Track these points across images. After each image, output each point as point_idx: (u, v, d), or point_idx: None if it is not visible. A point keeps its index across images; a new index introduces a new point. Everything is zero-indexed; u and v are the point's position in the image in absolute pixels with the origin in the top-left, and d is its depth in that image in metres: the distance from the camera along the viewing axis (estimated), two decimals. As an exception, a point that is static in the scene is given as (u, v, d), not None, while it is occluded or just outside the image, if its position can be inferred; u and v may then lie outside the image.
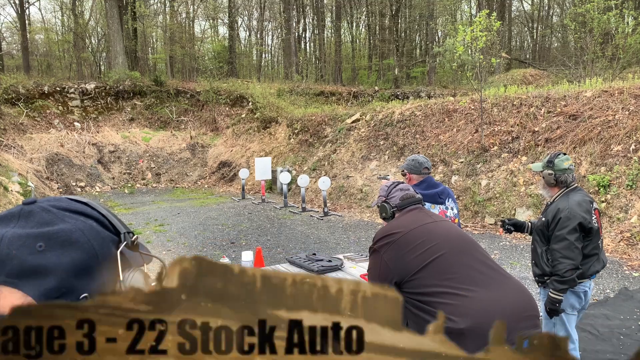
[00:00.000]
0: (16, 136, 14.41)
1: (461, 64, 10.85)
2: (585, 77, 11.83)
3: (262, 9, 32.10)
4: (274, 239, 8.23)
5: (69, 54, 29.02)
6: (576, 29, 13.32)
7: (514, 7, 31.76)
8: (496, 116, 10.13)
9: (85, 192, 14.04)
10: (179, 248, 7.69)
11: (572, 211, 2.91)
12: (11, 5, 27.07)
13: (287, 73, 25.92)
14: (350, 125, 13.40)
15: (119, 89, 17.75)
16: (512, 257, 6.78)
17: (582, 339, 4.04)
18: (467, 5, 32.64)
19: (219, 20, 32.49)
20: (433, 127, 11.25)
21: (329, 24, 33.65)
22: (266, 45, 36.22)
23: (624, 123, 7.91)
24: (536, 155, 8.71)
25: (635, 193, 7.16)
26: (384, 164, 11.57)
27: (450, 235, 2.33)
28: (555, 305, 2.92)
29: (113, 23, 20.14)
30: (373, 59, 30.70)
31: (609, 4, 12.36)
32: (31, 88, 16.16)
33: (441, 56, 17.57)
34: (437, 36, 30.55)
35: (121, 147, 16.10)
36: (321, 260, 3.23)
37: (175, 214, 10.68)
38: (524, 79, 18.74)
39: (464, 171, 9.76)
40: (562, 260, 2.89)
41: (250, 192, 13.85)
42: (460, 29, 9.84)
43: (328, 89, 21.31)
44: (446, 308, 2.03)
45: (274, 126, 16.21)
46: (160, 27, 28.58)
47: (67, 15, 30.65)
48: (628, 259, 6.42)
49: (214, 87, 18.73)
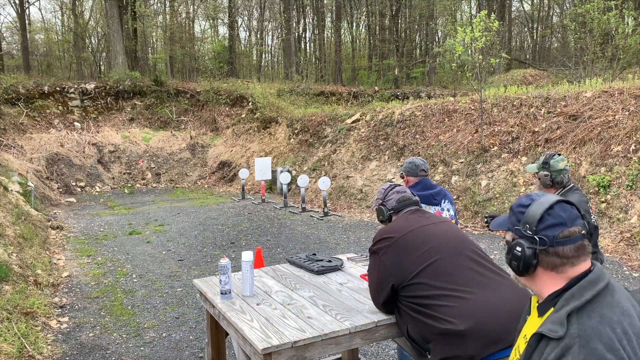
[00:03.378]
0: (16, 136, 14.41)
1: (461, 64, 10.85)
2: (585, 77, 11.83)
3: (262, 9, 32.11)
4: (274, 239, 8.23)
5: (69, 54, 29.02)
6: (576, 29, 13.32)
7: (514, 7, 31.78)
8: (496, 116, 10.13)
9: (85, 192, 14.04)
10: (179, 248, 7.69)
11: None
12: (11, 5, 27.09)
13: (287, 73, 25.91)
14: (350, 125, 13.41)
15: (119, 89, 17.75)
16: (512, 258, 6.78)
17: (582, 339, 4.03)
18: (467, 6, 32.64)
19: (219, 20, 32.50)
20: (433, 128, 11.25)
21: (329, 24, 33.66)
22: (266, 45, 36.24)
23: (624, 123, 7.91)
24: (536, 155, 8.72)
25: (635, 193, 7.16)
26: (384, 164, 11.58)
27: (448, 237, 2.33)
28: None
29: (113, 23, 20.14)
30: (373, 59, 30.71)
31: (609, 4, 12.36)
32: (31, 88, 16.15)
33: (441, 56, 17.58)
34: (437, 36, 30.57)
35: (121, 147, 16.10)
36: (321, 261, 3.23)
37: (175, 214, 10.68)
38: (524, 79, 18.75)
39: (464, 171, 9.76)
40: None
41: (250, 192, 13.85)
42: (459, 30, 9.84)
43: (328, 89, 21.31)
44: (446, 310, 2.03)
45: (274, 126, 16.21)
46: (160, 27, 28.57)
47: (67, 15, 30.65)
48: (628, 260, 6.43)
49: (214, 87, 18.73)
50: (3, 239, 6.16)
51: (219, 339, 3.15)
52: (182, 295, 5.52)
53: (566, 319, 1.17)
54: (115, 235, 8.68)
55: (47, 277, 5.87)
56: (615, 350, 1.09)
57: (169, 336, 4.44)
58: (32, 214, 8.67)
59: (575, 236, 1.27)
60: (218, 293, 2.75)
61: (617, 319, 1.15)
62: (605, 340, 1.10)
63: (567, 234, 1.27)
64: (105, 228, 9.29)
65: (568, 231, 1.27)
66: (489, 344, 1.96)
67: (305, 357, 2.23)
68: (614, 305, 1.18)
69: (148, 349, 4.20)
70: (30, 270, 5.77)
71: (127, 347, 4.23)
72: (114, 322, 4.76)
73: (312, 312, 2.47)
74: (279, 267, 3.29)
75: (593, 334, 1.11)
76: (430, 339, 2.04)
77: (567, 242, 1.26)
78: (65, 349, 4.18)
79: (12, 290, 4.83)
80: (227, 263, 2.73)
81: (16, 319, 4.32)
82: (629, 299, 1.24)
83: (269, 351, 2.13)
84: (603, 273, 1.25)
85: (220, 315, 2.65)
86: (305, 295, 2.73)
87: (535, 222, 1.30)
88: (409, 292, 2.15)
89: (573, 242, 1.27)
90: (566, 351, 1.11)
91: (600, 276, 1.23)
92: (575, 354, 1.09)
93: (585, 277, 1.24)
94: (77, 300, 5.39)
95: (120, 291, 5.67)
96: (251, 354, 2.26)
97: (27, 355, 3.87)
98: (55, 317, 4.85)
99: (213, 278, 3.11)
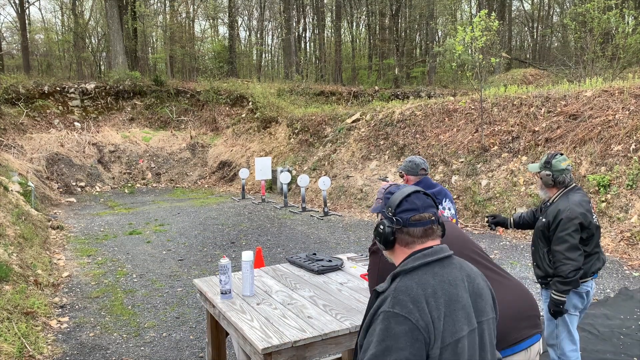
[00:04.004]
0: (16, 136, 14.41)
1: (461, 64, 10.84)
2: (586, 76, 11.83)
3: (262, 8, 32.09)
4: (274, 238, 8.23)
5: (69, 54, 29.00)
6: (576, 28, 13.32)
7: (514, 7, 31.77)
8: (496, 116, 10.13)
9: (86, 192, 14.05)
10: (179, 248, 7.69)
11: (573, 212, 2.91)
12: (11, 5, 27.08)
13: (287, 73, 25.90)
14: (350, 125, 13.40)
15: (119, 89, 17.75)
16: (512, 257, 6.78)
17: (582, 339, 4.04)
18: (467, 5, 32.63)
19: (219, 20, 32.49)
20: (433, 127, 11.25)
21: (329, 24, 33.64)
22: (266, 45, 36.22)
23: (624, 123, 7.91)
24: (536, 155, 8.71)
25: (635, 193, 7.16)
26: (384, 164, 11.58)
27: (448, 236, 2.33)
28: (559, 307, 2.92)
29: (113, 23, 20.13)
30: (373, 58, 30.70)
31: (609, 3, 12.35)
32: (31, 88, 16.15)
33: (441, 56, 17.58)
34: (437, 36, 30.55)
35: (121, 147, 16.10)
36: (321, 260, 3.23)
37: (175, 213, 10.68)
38: (524, 79, 18.75)
39: (464, 171, 9.76)
40: (565, 262, 2.88)
41: (250, 192, 13.85)
42: (459, 29, 9.84)
43: (328, 88, 21.30)
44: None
45: (274, 126, 16.21)
46: (160, 27, 28.55)
47: (67, 15, 30.64)
48: (628, 259, 6.43)
49: (214, 87, 18.72)
50: (3, 239, 6.16)
51: (219, 338, 3.15)
52: (182, 295, 5.52)
53: (392, 278, 1.48)
54: (116, 235, 8.68)
55: (47, 277, 5.87)
56: (417, 302, 1.37)
57: (169, 336, 4.44)
58: (32, 214, 8.67)
59: (424, 220, 1.54)
60: (218, 293, 2.75)
61: (433, 283, 1.43)
62: (412, 294, 1.39)
63: (418, 218, 1.55)
64: (106, 228, 9.30)
65: (419, 216, 1.55)
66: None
67: (306, 356, 2.23)
68: (437, 274, 1.46)
69: (148, 348, 4.20)
70: (31, 270, 5.77)
71: (128, 347, 4.23)
72: (114, 322, 4.76)
73: (313, 312, 2.47)
74: (279, 267, 3.29)
75: (404, 289, 1.41)
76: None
77: (417, 225, 1.54)
78: (65, 348, 4.18)
79: (12, 290, 4.83)
80: (227, 263, 2.73)
81: (16, 319, 4.32)
82: (469, 278, 1.52)
83: (269, 351, 2.13)
84: (440, 250, 1.52)
85: (220, 315, 2.65)
86: (305, 295, 2.73)
87: (394, 206, 1.58)
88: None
89: (422, 225, 1.54)
90: (383, 301, 1.42)
91: (436, 252, 1.51)
92: (388, 302, 1.40)
93: (423, 251, 1.51)
94: (78, 300, 5.39)
95: (120, 291, 5.68)
96: (251, 353, 2.26)
97: (28, 355, 3.87)
98: (56, 317, 4.85)
99: (213, 278, 3.11)
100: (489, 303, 1.55)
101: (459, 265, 1.53)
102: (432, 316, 1.36)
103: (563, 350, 3.06)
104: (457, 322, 1.39)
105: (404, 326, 1.34)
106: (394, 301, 1.38)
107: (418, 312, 1.35)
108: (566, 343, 3.05)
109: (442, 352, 1.36)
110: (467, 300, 1.46)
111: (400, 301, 1.38)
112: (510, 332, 2.01)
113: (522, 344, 2.03)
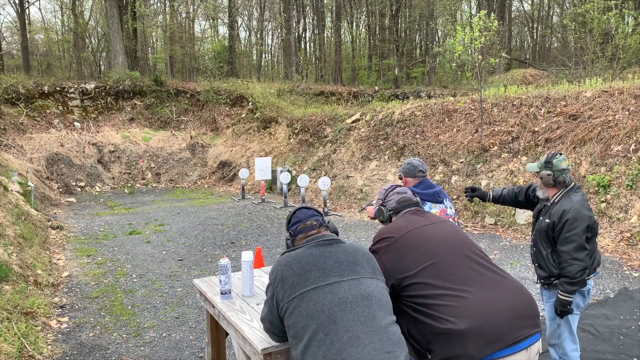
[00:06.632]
0: (16, 136, 14.41)
1: (461, 64, 10.85)
2: (585, 77, 11.83)
3: (262, 9, 32.10)
4: (274, 238, 8.23)
5: (69, 54, 29.00)
6: (576, 29, 13.33)
7: (514, 7, 31.77)
8: (496, 116, 10.13)
9: (85, 192, 14.05)
10: (179, 248, 7.69)
11: (579, 212, 2.91)
12: (11, 5, 27.07)
13: (287, 73, 25.91)
14: (350, 125, 13.41)
15: (119, 89, 17.75)
16: (512, 257, 6.78)
17: (582, 339, 4.04)
18: (467, 5, 32.64)
19: (219, 20, 32.49)
20: (433, 127, 11.25)
21: (329, 24, 33.64)
22: (266, 45, 36.22)
23: (624, 123, 7.91)
24: (536, 155, 8.72)
25: (635, 193, 7.16)
26: (383, 164, 11.58)
27: (447, 237, 2.33)
28: (566, 307, 2.94)
29: (113, 23, 20.14)
30: (373, 59, 30.71)
31: (609, 4, 12.36)
32: (31, 88, 16.15)
33: (441, 56, 17.58)
34: (437, 36, 30.56)
35: (121, 147, 16.10)
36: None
37: (175, 213, 10.68)
38: (524, 79, 18.75)
39: (464, 171, 9.76)
40: (572, 262, 2.89)
41: (250, 192, 13.85)
42: (459, 30, 9.84)
43: (328, 89, 21.31)
44: (445, 310, 2.02)
45: (274, 126, 16.21)
46: (160, 27, 28.57)
47: (67, 15, 30.63)
48: (628, 259, 6.43)
49: (214, 87, 18.73)
50: (3, 239, 6.16)
51: (219, 339, 3.15)
52: (182, 295, 5.52)
53: (281, 256, 2.13)
54: (115, 235, 8.68)
55: (47, 277, 5.87)
56: (282, 266, 2.03)
57: (169, 336, 4.44)
58: (32, 214, 8.67)
59: (308, 227, 2.21)
60: (218, 293, 2.75)
61: (299, 256, 2.04)
62: (282, 262, 2.06)
63: (302, 227, 2.22)
64: (105, 228, 9.30)
65: (303, 225, 2.22)
66: (490, 343, 1.95)
67: (305, 357, 2.22)
68: (306, 251, 2.07)
69: (148, 348, 4.20)
70: (30, 270, 5.77)
71: (127, 347, 4.23)
72: (114, 322, 4.76)
73: (312, 312, 2.46)
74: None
75: (281, 260, 2.08)
76: (431, 339, 2.04)
77: (301, 232, 2.22)
78: (65, 349, 4.18)
79: (12, 290, 4.83)
80: (227, 263, 2.73)
81: (16, 319, 4.32)
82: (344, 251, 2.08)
83: (268, 351, 2.13)
84: (318, 237, 2.15)
85: (220, 315, 2.65)
86: (305, 295, 2.73)
87: (287, 222, 2.31)
88: (409, 292, 2.15)
89: (304, 231, 2.21)
90: (271, 268, 2.10)
91: (314, 239, 2.14)
92: (273, 267, 2.08)
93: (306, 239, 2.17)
94: (77, 300, 5.39)
95: (120, 291, 5.67)
96: (251, 354, 2.26)
97: (27, 355, 3.87)
98: (55, 317, 4.85)
99: (213, 278, 3.11)
100: (356, 269, 2.03)
101: (330, 251, 2.08)
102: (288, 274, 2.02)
103: (565, 350, 3.06)
104: (309, 279, 1.96)
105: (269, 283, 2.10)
106: (274, 266, 2.09)
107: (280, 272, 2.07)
108: (568, 343, 3.06)
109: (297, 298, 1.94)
110: (328, 265, 2.01)
111: (278, 264, 2.08)
112: (510, 331, 2.01)
113: (522, 344, 2.03)
